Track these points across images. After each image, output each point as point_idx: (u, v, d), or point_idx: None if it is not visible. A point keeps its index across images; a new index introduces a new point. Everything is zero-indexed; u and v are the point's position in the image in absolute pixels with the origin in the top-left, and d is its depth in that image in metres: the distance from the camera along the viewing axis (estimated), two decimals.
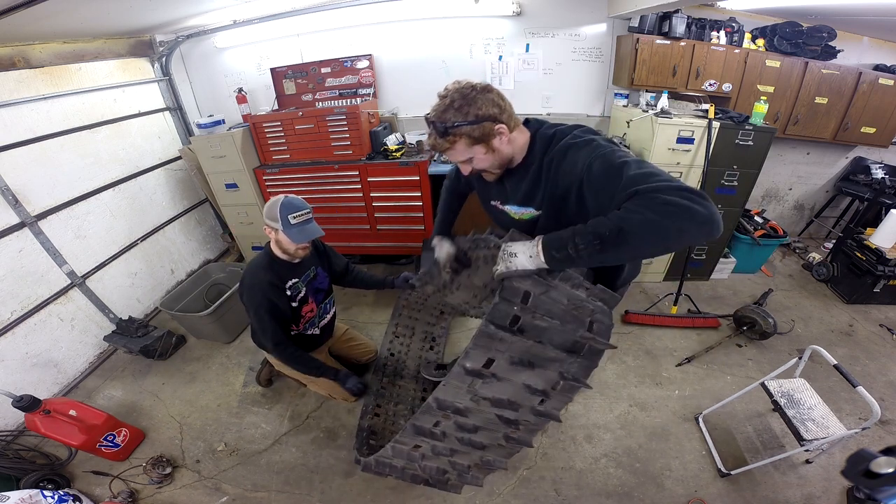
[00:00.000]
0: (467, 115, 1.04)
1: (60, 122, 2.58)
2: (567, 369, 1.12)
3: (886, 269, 2.80)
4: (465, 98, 1.05)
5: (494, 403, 1.17)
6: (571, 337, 1.07)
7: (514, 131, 1.13)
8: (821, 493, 1.80)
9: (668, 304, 2.96)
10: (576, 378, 1.14)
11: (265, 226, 1.75)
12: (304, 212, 1.73)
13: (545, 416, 1.21)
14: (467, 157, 1.13)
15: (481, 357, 1.08)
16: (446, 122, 1.07)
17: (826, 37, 2.89)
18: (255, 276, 1.79)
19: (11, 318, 2.28)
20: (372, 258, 3.68)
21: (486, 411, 1.19)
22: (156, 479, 1.96)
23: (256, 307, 1.79)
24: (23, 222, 2.34)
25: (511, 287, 0.99)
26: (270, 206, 1.71)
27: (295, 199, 1.74)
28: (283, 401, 2.38)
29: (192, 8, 2.59)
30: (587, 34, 3.09)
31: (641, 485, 1.88)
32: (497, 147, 1.11)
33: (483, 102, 1.05)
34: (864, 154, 3.61)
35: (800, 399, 1.78)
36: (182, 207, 3.54)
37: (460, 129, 1.06)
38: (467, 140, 1.08)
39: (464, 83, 1.08)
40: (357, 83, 3.28)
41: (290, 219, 1.68)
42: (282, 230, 1.69)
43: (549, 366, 1.11)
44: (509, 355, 1.08)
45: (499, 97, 1.08)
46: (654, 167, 0.88)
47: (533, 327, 1.04)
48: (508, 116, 1.10)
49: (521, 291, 0.98)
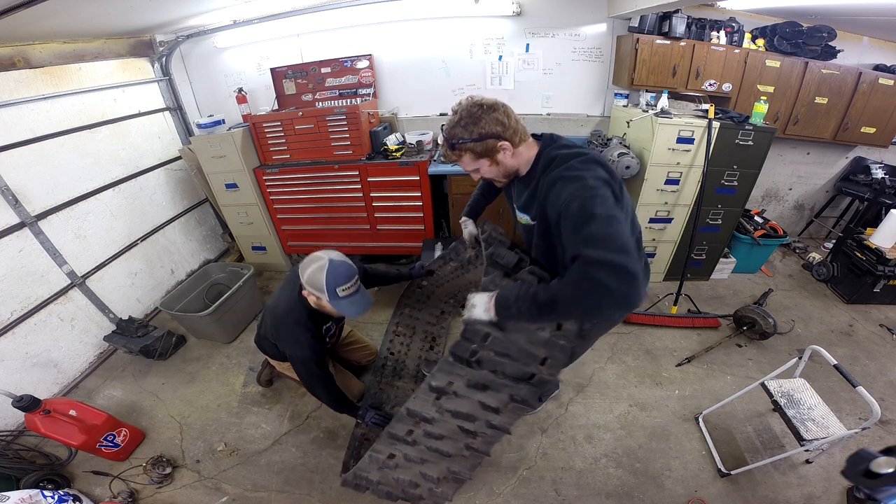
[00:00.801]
0: (472, 132, 1.15)
1: (60, 122, 2.58)
2: (517, 393, 1.30)
3: (886, 269, 2.80)
4: (472, 116, 1.15)
5: (455, 415, 1.35)
6: (523, 370, 1.26)
7: (521, 146, 1.21)
8: (821, 493, 1.80)
9: (668, 304, 2.96)
10: (524, 401, 1.32)
11: (305, 290, 1.58)
12: (353, 282, 1.56)
13: (498, 429, 1.37)
14: (474, 168, 1.25)
15: (444, 379, 1.30)
16: (453, 138, 1.19)
17: (826, 37, 2.89)
18: (297, 335, 1.69)
19: (11, 318, 2.28)
20: (372, 258, 3.68)
21: (449, 422, 1.36)
22: (156, 479, 1.96)
23: (305, 361, 1.73)
24: (23, 222, 2.34)
25: (473, 329, 1.20)
26: (314, 274, 1.53)
27: (341, 265, 1.55)
28: (283, 401, 2.38)
29: (192, 8, 2.59)
30: (587, 34, 3.09)
31: (641, 485, 1.88)
32: (501, 160, 1.21)
33: (487, 121, 1.14)
34: (864, 154, 3.61)
35: (800, 399, 1.78)
36: (182, 207, 3.54)
37: (465, 145, 1.17)
38: (472, 154, 1.20)
39: (475, 100, 1.17)
40: (357, 83, 3.28)
41: (338, 292, 1.52)
42: (327, 301, 1.54)
43: (501, 389, 1.31)
44: (467, 379, 1.29)
45: (504, 115, 1.16)
46: (613, 229, 0.94)
47: (489, 361, 1.25)
48: (513, 132, 1.17)
49: (482, 333, 1.20)
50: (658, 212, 2.91)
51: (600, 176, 1.06)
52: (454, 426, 1.36)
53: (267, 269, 3.66)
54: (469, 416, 1.35)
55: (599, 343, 2.69)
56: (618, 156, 2.72)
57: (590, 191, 1.01)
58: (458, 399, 1.33)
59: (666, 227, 2.98)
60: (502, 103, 1.18)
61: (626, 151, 2.76)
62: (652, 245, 3.09)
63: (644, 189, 2.79)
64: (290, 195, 3.22)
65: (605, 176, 1.07)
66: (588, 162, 1.11)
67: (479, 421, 1.36)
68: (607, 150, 2.88)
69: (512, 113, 1.18)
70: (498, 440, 1.40)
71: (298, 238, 3.48)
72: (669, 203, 2.86)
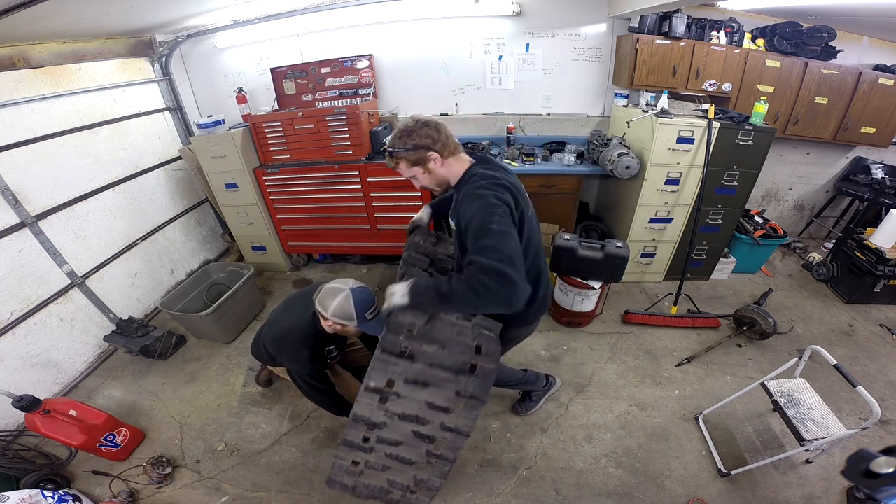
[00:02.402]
0: (406, 143, 1.32)
1: (60, 122, 2.58)
2: (463, 388, 1.32)
3: (886, 269, 2.80)
4: (408, 130, 1.33)
5: (403, 418, 1.36)
6: (460, 359, 1.31)
7: (450, 158, 1.36)
8: (821, 493, 1.80)
9: (668, 304, 2.96)
10: (473, 395, 1.33)
11: (328, 320, 1.62)
12: (375, 304, 1.63)
13: (455, 431, 1.37)
14: (411, 175, 1.40)
15: (382, 378, 1.33)
16: (391, 148, 1.36)
17: (826, 37, 2.89)
18: (298, 352, 1.75)
19: (11, 318, 2.28)
20: (372, 258, 3.69)
21: (400, 426, 1.38)
22: (156, 479, 1.96)
23: (302, 376, 1.80)
24: (23, 222, 2.34)
25: (396, 321, 1.29)
26: (341, 305, 1.58)
27: (362, 291, 1.63)
28: (283, 401, 2.38)
29: (192, 8, 2.59)
30: (587, 34, 3.09)
31: (641, 485, 1.88)
32: (433, 170, 1.36)
33: (419, 134, 1.31)
34: (864, 154, 3.61)
35: (800, 399, 1.78)
36: (182, 207, 3.54)
37: (400, 154, 1.34)
38: (407, 162, 1.36)
39: (415, 117, 1.35)
40: (357, 83, 3.28)
41: (366, 316, 1.59)
42: (355, 326, 1.61)
43: (444, 385, 1.33)
44: (405, 376, 1.32)
45: (434, 130, 1.32)
46: (503, 242, 1.12)
47: (421, 353, 1.31)
48: (442, 146, 1.33)
49: (406, 324, 1.28)
50: (658, 212, 2.91)
51: (503, 198, 1.21)
52: (408, 430, 1.37)
53: (267, 269, 3.66)
54: (419, 419, 1.36)
55: (599, 343, 2.70)
56: (618, 156, 2.72)
57: (490, 209, 1.17)
58: (402, 400, 1.35)
59: (666, 227, 2.98)
60: (437, 121, 1.34)
61: (626, 151, 2.77)
62: (652, 245, 3.09)
63: (644, 189, 2.79)
64: (290, 195, 3.22)
65: (509, 200, 1.22)
66: (498, 186, 1.24)
67: (431, 424, 1.37)
68: (607, 150, 2.88)
69: (444, 129, 1.34)
70: (461, 445, 1.39)
71: (298, 238, 3.48)
72: (669, 203, 2.86)
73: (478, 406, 1.35)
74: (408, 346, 1.30)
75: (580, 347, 2.67)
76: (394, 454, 1.38)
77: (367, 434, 1.39)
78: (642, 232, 3.00)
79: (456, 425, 1.36)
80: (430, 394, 1.34)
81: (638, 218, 2.93)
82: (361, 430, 1.39)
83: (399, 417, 1.36)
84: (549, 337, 2.75)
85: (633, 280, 3.29)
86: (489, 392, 1.35)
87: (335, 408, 1.95)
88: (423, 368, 1.31)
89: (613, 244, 2.42)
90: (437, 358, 1.31)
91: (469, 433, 1.37)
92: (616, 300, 3.08)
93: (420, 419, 1.36)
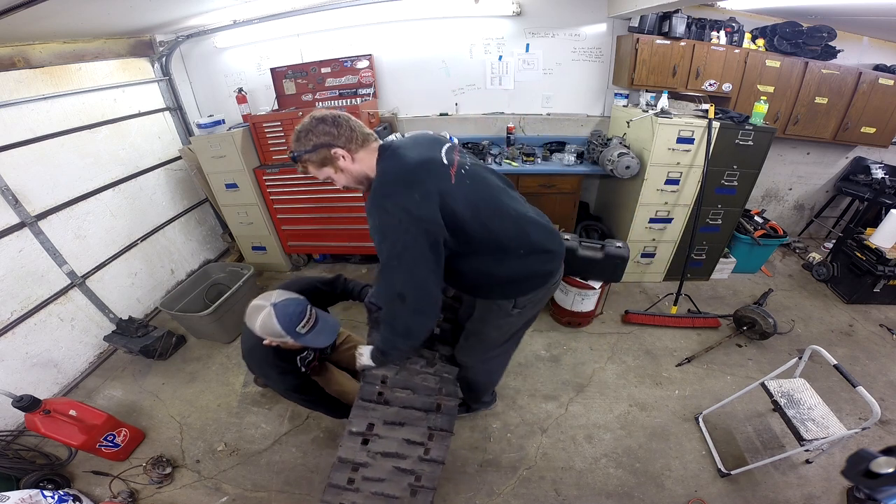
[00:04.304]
0: (306, 144, 1.22)
1: (60, 122, 2.58)
2: (433, 423, 1.51)
3: (886, 269, 2.80)
4: (305, 130, 1.22)
5: (385, 455, 1.46)
6: (428, 400, 1.54)
7: (360, 152, 1.25)
8: (821, 493, 1.80)
9: (668, 304, 2.96)
10: (443, 428, 1.51)
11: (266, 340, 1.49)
12: (308, 315, 1.47)
13: (432, 461, 1.47)
14: (325, 177, 1.31)
15: (363, 422, 1.48)
16: (294, 152, 1.26)
17: (826, 37, 2.89)
18: (265, 372, 1.66)
19: (11, 318, 2.28)
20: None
21: (382, 464, 1.46)
22: (156, 479, 1.95)
23: (282, 391, 1.75)
24: (23, 222, 2.34)
25: (370, 374, 1.55)
26: (265, 324, 1.41)
27: (287, 304, 1.44)
28: (282, 401, 2.37)
29: (192, 8, 2.59)
30: (587, 34, 3.09)
31: (641, 485, 1.88)
32: (345, 167, 1.26)
33: (316, 133, 1.21)
34: (864, 154, 3.61)
35: (800, 399, 1.78)
36: (182, 207, 3.54)
37: (303, 157, 1.24)
38: (313, 164, 1.26)
39: (312, 114, 1.24)
40: (357, 83, 3.28)
41: (298, 330, 1.44)
42: (292, 341, 1.47)
43: (417, 423, 1.51)
44: (384, 419, 1.49)
45: (333, 126, 1.21)
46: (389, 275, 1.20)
47: (395, 398, 1.53)
48: (346, 140, 1.22)
49: (379, 376, 1.55)
50: (658, 212, 2.91)
51: (399, 204, 1.12)
52: (389, 467, 1.45)
53: (267, 269, 3.65)
54: (398, 455, 1.46)
55: (600, 343, 2.70)
56: (618, 156, 2.72)
57: (380, 233, 1.16)
58: (382, 440, 1.48)
59: (666, 227, 2.98)
60: (336, 114, 1.23)
61: (626, 151, 2.76)
62: (652, 245, 3.09)
63: (644, 189, 2.79)
64: (290, 195, 3.22)
65: (406, 202, 1.12)
66: (396, 184, 1.17)
67: (410, 458, 1.47)
68: (607, 150, 2.88)
69: (345, 122, 1.22)
70: (438, 473, 1.46)
71: (298, 238, 3.48)
72: (669, 203, 2.86)
73: (447, 437, 1.51)
74: (383, 393, 1.53)
75: (580, 347, 2.67)
76: (378, 491, 1.43)
77: (351, 475, 1.43)
78: (642, 232, 3.00)
79: (431, 456, 1.48)
80: (407, 431, 1.50)
81: (638, 218, 2.93)
82: (346, 472, 1.44)
83: (381, 455, 1.46)
84: (549, 337, 2.75)
85: (633, 280, 3.29)
86: (454, 424, 1.56)
87: (329, 411, 1.90)
88: (398, 410, 1.51)
89: (613, 244, 2.42)
90: (409, 401, 1.53)
91: (443, 461, 1.49)
92: (616, 300, 3.08)
93: (399, 455, 1.47)
